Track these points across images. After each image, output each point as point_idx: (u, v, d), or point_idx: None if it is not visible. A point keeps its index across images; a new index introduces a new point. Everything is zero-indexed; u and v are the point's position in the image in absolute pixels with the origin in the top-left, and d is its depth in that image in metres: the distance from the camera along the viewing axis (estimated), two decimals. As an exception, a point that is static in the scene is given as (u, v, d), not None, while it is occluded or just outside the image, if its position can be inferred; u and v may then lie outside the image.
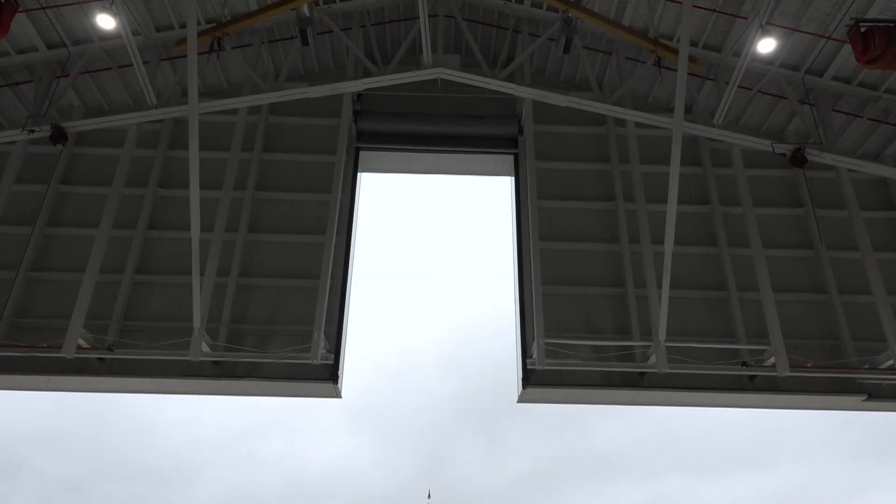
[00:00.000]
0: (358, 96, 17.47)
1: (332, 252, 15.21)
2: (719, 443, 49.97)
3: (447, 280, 57.53)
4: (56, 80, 15.78)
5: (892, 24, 12.53)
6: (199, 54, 13.17)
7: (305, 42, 15.60)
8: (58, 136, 15.51)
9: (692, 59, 15.64)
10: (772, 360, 13.86)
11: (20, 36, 15.12)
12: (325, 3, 16.49)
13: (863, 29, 12.71)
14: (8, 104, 16.17)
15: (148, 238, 15.56)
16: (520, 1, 16.99)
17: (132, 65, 15.00)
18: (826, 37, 14.67)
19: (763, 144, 16.09)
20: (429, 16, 15.10)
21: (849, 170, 16.09)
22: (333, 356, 14.47)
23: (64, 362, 13.74)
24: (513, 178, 17.40)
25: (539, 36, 16.72)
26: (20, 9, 13.64)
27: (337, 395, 14.80)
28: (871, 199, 16.36)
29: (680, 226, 13.92)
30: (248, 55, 16.71)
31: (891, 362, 13.86)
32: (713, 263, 15.61)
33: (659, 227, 14.10)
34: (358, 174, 17.34)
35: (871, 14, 13.25)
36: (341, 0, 16.83)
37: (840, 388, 14.22)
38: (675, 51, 14.81)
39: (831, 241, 15.73)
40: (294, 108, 17.04)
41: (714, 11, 15.29)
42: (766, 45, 14.49)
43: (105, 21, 14.20)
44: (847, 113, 16.26)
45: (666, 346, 13.78)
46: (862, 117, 16.12)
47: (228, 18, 15.50)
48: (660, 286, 13.57)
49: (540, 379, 14.18)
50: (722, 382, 14.28)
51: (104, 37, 15.56)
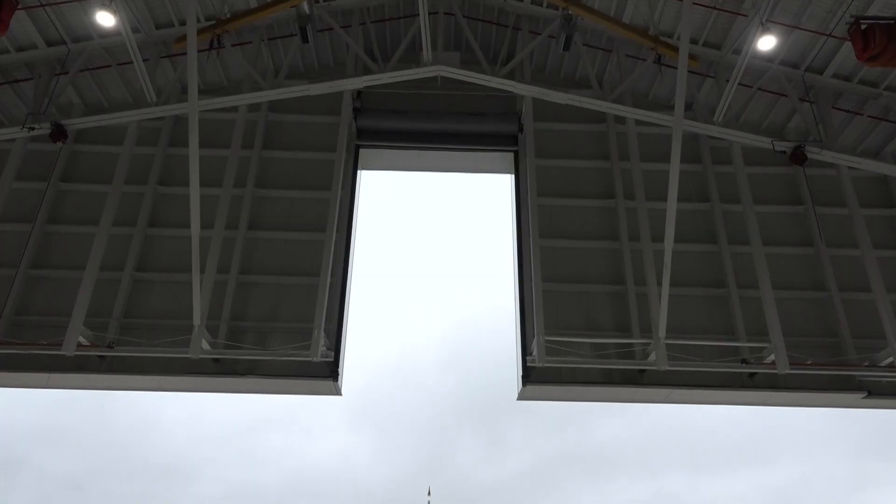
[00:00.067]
0: (358, 94, 17.46)
1: (332, 249, 15.21)
2: (719, 440, 50.02)
3: (447, 277, 57.56)
4: (56, 78, 15.77)
5: (893, 22, 12.52)
6: (199, 52, 13.15)
7: (305, 39, 15.58)
8: (58, 134, 15.50)
9: (692, 57, 15.63)
10: (772, 358, 13.87)
11: (20, 33, 15.11)
12: (325, 1, 16.43)
13: (863, 26, 12.70)
14: (8, 102, 16.17)
15: (148, 235, 15.56)
16: (520, -2, 16.99)
17: (132, 62, 15.00)
18: (826, 34, 14.66)
19: (763, 142, 16.09)
20: (429, 13, 15.08)
21: (849, 167, 16.10)
22: (333, 353, 14.47)
23: (64, 360, 13.75)
24: (513, 176, 17.39)
25: (539, 33, 16.71)
26: (20, 6, 13.61)
27: (337, 393, 14.81)
28: (872, 197, 16.37)
29: (680, 223, 13.90)
30: (248, 52, 16.69)
31: (890, 360, 13.88)
32: (713, 261, 15.62)
33: (659, 225, 14.09)
34: (358, 172, 17.32)
35: (872, 12, 13.25)
36: (341, -3, 16.83)
37: (840, 386, 14.23)
38: (676, 48, 14.78)
39: (831, 239, 15.74)
40: (294, 106, 17.02)
41: (714, 9, 15.28)
42: (767, 43, 14.47)
43: (105, 18, 14.17)
44: (847, 110, 16.26)
45: (666, 344, 13.80)
46: (862, 115, 16.13)
47: (228, 16, 15.49)
48: (660, 284, 13.58)
49: (540, 376, 14.20)
50: (722, 380, 14.29)
51: (104, 34, 15.54)
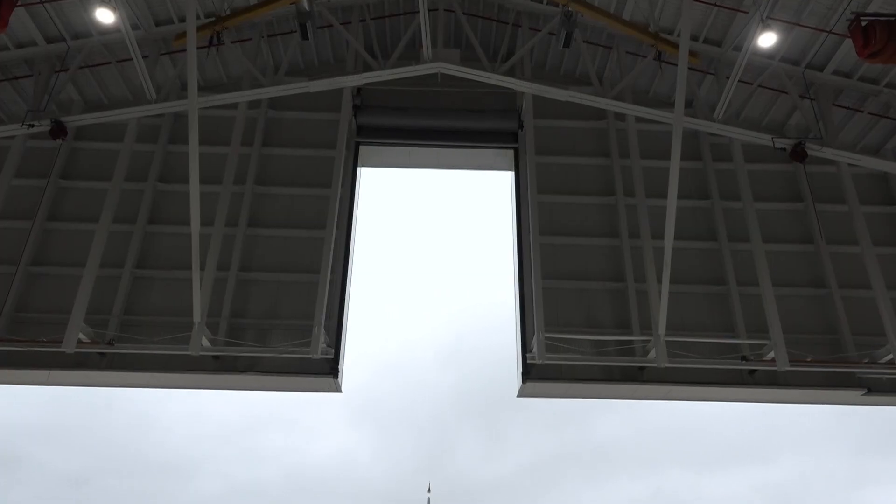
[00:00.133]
0: (358, 91, 17.43)
1: (332, 247, 15.20)
2: (719, 437, 50.12)
3: (447, 275, 57.61)
4: (55, 75, 15.73)
5: (893, 19, 12.49)
6: (199, 48, 13.11)
7: (305, 36, 15.55)
8: (57, 131, 15.47)
9: (693, 54, 15.60)
10: (771, 355, 13.89)
11: (19, 30, 15.09)
12: (325, -3, 16.44)
13: (863, 23, 12.67)
14: (7, 99, 16.16)
15: (148, 233, 15.55)
16: (520, -5, 16.97)
17: (131, 59, 14.98)
18: (827, 31, 14.64)
19: (763, 139, 16.06)
20: (428, 10, 15.03)
21: (849, 164, 16.09)
22: (333, 350, 14.47)
23: (64, 357, 13.77)
24: (513, 173, 17.37)
25: (539, 30, 16.66)
26: (19, 3, 13.58)
27: (337, 390, 14.82)
28: (872, 194, 16.37)
29: (680, 220, 13.88)
30: (248, 49, 16.67)
31: (890, 357, 13.89)
32: (713, 258, 15.62)
33: (659, 222, 14.08)
34: (358, 169, 17.29)
35: (872, 8, 13.24)
36: (341, -6, 16.80)
37: (839, 383, 14.23)
38: (676, 45, 14.75)
39: (831, 236, 15.74)
40: (294, 103, 17.00)
41: (714, 6, 15.26)
42: (767, 40, 14.44)
43: (104, 15, 14.15)
44: (847, 107, 16.25)
45: (666, 341, 13.81)
46: (862, 112, 16.12)
47: (228, 13, 15.48)
48: (660, 281, 13.58)
49: (540, 373, 14.20)
50: (722, 377, 14.29)
51: (103, 31, 15.52)
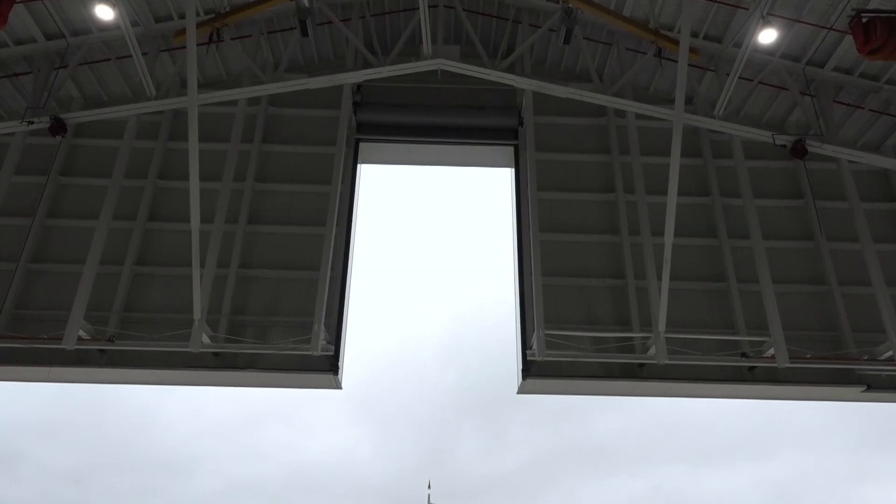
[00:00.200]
0: (358, 87, 17.41)
1: (332, 243, 15.21)
2: (719, 433, 50.24)
3: (447, 271, 57.72)
4: (55, 72, 15.73)
5: (894, 15, 12.47)
6: (199, 45, 13.07)
7: (305, 33, 15.53)
8: (57, 128, 15.47)
9: (693, 50, 15.58)
10: (771, 352, 13.90)
11: (19, 27, 15.06)
12: (325, -6, 16.41)
13: (864, 20, 12.63)
14: (7, 95, 16.13)
15: (148, 230, 15.56)
16: (520, -9, 16.94)
17: (131, 56, 14.95)
18: (827, 28, 14.62)
19: (764, 136, 16.06)
20: (428, 6, 15.01)
21: (849, 161, 16.08)
22: (334, 347, 14.48)
23: (65, 354, 13.77)
24: (513, 170, 17.35)
25: (539, 27, 16.65)
26: (18, -1, 13.60)
27: (337, 387, 14.83)
28: (872, 191, 16.36)
29: (680, 217, 13.88)
30: (248, 46, 16.64)
31: (890, 353, 13.90)
32: (713, 255, 15.62)
33: (659, 219, 14.08)
34: (358, 165, 17.28)
35: (873, 5, 13.22)
36: (341, -10, 16.78)
37: (839, 379, 14.23)
38: (676, 42, 14.76)
39: (831, 233, 15.74)
40: (293, 100, 17.00)
41: (715, 2, 15.22)
42: (767, 36, 14.44)
43: (104, 12, 14.14)
44: (848, 104, 16.23)
45: (666, 338, 13.81)
46: (863, 108, 16.10)
47: (227, 9, 15.44)
48: (660, 277, 13.57)
49: (540, 370, 14.21)
50: (721, 374, 14.31)
51: (103, 28, 15.50)
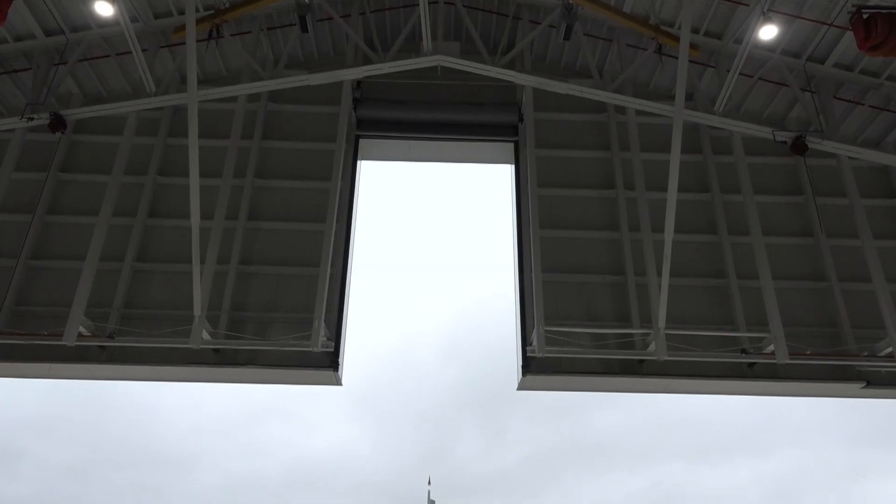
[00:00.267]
0: (357, 84, 17.40)
1: (332, 240, 15.20)
2: (718, 429, 50.30)
3: (447, 268, 57.76)
4: (54, 68, 15.69)
5: (895, 11, 12.47)
6: (198, 41, 13.06)
7: (305, 29, 15.49)
8: (56, 124, 15.46)
9: (693, 47, 15.57)
10: (771, 348, 13.90)
11: (18, 23, 15.04)
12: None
13: (865, 16, 12.64)
14: (6, 92, 16.11)
15: (148, 226, 15.55)
16: (520, -13, 16.91)
17: (131, 52, 14.93)
18: (828, 24, 14.60)
19: (764, 132, 16.05)
20: (428, 3, 14.98)
21: (849, 157, 16.07)
22: (334, 344, 14.49)
23: (65, 350, 13.77)
24: (513, 166, 17.34)
25: (539, 23, 16.61)
26: (18, -5, 13.57)
27: (337, 383, 14.85)
28: (872, 187, 16.35)
29: (680, 213, 13.88)
30: (248, 42, 16.62)
31: (890, 350, 13.90)
32: (713, 251, 15.62)
33: (659, 215, 14.08)
34: (358, 162, 17.28)
35: (873, 1, 13.16)
36: (340, -13, 16.75)
37: (839, 376, 14.26)
38: (677, 38, 14.72)
39: (831, 229, 15.73)
40: (293, 96, 16.98)
41: (715, -2, 15.22)
42: (768, 32, 14.42)
43: (103, 8, 14.11)
44: (848, 100, 16.21)
45: (665, 334, 13.81)
46: (863, 105, 16.08)
47: (227, 5, 15.38)
48: (660, 274, 13.58)
49: (540, 366, 14.22)
50: (721, 370, 14.32)
51: (102, 24, 15.47)
